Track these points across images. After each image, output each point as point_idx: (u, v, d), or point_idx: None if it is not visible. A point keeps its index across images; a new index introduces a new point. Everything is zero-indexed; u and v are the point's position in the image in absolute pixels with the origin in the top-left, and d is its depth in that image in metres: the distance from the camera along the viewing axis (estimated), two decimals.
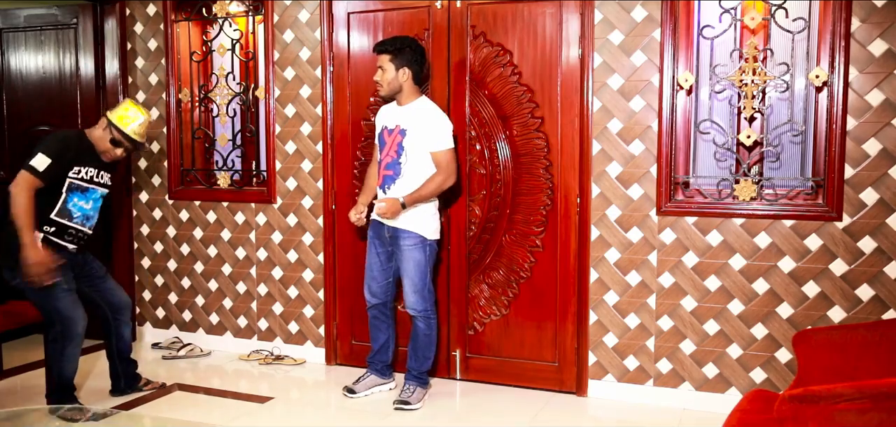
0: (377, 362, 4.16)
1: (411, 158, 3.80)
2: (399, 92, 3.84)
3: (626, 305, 3.98)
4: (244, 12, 4.78)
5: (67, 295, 3.64)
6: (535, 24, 4.03)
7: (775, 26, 3.67)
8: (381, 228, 3.93)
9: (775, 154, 3.75)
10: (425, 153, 3.80)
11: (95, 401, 4.00)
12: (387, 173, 3.87)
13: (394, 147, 3.84)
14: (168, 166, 4.96)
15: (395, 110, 3.89)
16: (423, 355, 4.00)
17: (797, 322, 3.69)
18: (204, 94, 4.91)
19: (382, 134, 3.93)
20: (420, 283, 3.88)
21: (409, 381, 4.02)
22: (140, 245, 5.15)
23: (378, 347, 4.15)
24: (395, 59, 3.78)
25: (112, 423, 3.50)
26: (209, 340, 4.99)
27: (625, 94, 3.89)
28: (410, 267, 3.86)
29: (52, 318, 3.63)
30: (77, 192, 3.69)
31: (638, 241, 3.93)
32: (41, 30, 5.14)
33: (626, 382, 4.02)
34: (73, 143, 3.67)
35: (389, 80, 3.81)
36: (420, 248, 3.86)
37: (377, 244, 3.99)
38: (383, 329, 4.12)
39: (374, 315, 4.11)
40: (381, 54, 3.81)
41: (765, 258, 3.72)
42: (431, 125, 3.80)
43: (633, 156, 3.90)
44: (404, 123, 3.83)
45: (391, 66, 3.79)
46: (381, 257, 3.99)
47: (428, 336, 3.97)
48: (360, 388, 4.11)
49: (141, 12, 4.96)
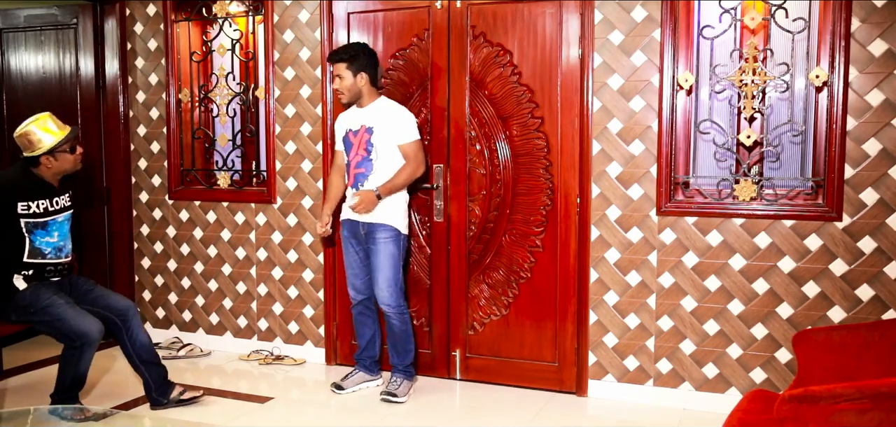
0: (365, 359, 4.20)
1: (381, 154, 3.90)
2: (359, 96, 3.94)
3: (626, 305, 3.98)
4: (244, 12, 4.78)
5: (68, 309, 3.59)
6: (535, 25, 4.03)
7: (775, 26, 3.67)
8: (356, 226, 4.00)
9: (775, 154, 3.75)
10: (393, 147, 3.90)
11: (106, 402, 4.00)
12: (358, 172, 3.94)
13: (362, 146, 3.92)
14: (168, 166, 4.96)
15: (357, 112, 3.98)
16: (404, 349, 4.06)
17: (797, 322, 3.69)
18: (204, 95, 4.91)
19: (347, 137, 4.01)
20: (393, 278, 3.94)
21: (395, 375, 4.09)
22: (140, 245, 5.15)
23: (364, 344, 4.19)
24: (352, 65, 3.89)
25: (111, 423, 3.50)
26: (209, 340, 4.99)
27: (625, 95, 3.89)
28: (384, 261, 3.91)
29: (69, 336, 3.58)
30: (38, 230, 3.65)
31: (638, 241, 3.93)
32: (41, 30, 5.14)
33: (626, 382, 4.02)
34: (9, 180, 3.62)
35: (349, 86, 3.91)
36: (394, 242, 3.93)
37: (353, 243, 4.05)
38: (369, 325, 4.17)
39: (359, 311, 4.15)
40: (337, 63, 3.91)
41: (765, 258, 3.72)
42: (397, 120, 3.90)
43: (633, 156, 3.90)
44: (369, 122, 3.92)
45: (349, 74, 3.89)
46: (359, 254, 4.05)
47: (404, 331, 4.03)
48: (347, 385, 4.14)
49: (141, 12, 4.96)
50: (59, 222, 3.73)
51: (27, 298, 3.59)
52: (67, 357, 3.63)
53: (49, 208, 3.67)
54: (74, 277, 3.88)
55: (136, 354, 3.85)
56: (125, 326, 3.82)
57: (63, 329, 3.57)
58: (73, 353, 3.61)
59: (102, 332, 3.63)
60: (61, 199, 3.74)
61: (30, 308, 3.59)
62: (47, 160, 3.60)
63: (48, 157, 3.60)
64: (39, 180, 3.64)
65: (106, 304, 3.81)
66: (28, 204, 3.59)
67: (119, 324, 3.81)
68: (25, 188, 3.61)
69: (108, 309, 3.80)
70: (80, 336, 3.55)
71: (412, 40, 4.27)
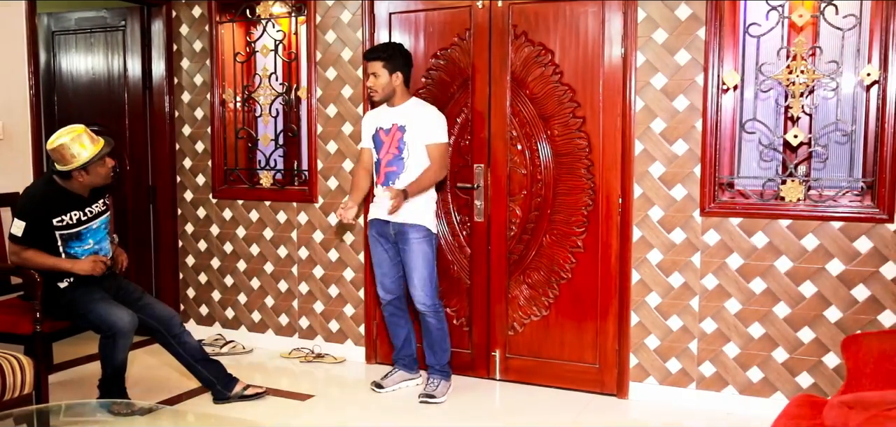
0: (403, 358, 4.22)
1: (412, 152, 3.91)
2: (392, 95, 3.95)
3: (669, 307, 3.93)
4: (287, 13, 4.83)
5: (101, 302, 3.65)
6: (577, 23, 4.00)
7: (824, 23, 3.59)
8: (385, 226, 4.00)
9: (823, 154, 3.67)
10: (423, 146, 3.91)
11: (152, 397, 4.08)
12: (390, 170, 3.95)
13: (394, 144, 3.93)
14: (212, 166, 5.04)
15: (388, 111, 3.99)
16: (440, 348, 4.06)
17: (846, 326, 3.61)
18: (247, 95, 4.98)
19: (377, 134, 4.01)
20: (429, 277, 3.96)
21: (432, 376, 4.09)
22: (184, 243, 5.24)
23: (400, 343, 4.21)
24: (388, 64, 3.89)
25: (156, 418, 3.56)
26: (251, 338, 5.06)
27: (668, 94, 3.85)
28: (419, 261, 3.93)
29: (99, 327, 3.66)
30: (72, 241, 3.68)
31: (681, 242, 3.88)
32: (91, 32, 5.26)
33: (668, 385, 3.97)
34: (39, 197, 3.63)
35: (383, 85, 3.91)
36: (427, 241, 3.95)
37: (382, 242, 4.06)
38: (402, 324, 4.18)
39: (390, 312, 4.16)
40: (373, 61, 3.91)
41: (812, 260, 3.65)
42: (429, 120, 3.93)
43: (677, 156, 3.85)
44: (402, 121, 3.93)
45: (385, 72, 3.90)
46: (389, 252, 4.06)
47: (440, 329, 4.03)
48: (387, 384, 4.16)
49: (187, 14, 5.05)
50: (94, 229, 3.75)
51: (68, 295, 3.68)
52: (102, 348, 3.69)
53: (81, 218, 3.69)
54: (123, 281, 3.94)
55: (188, 356, 3.91)
56: (170, 334, 3.87)
57: (95, 320, 3.64)
58: (106, 344, 3.66)
59: (134, 325, 3.66)
60: (93, 207, 3.74)
61: (70, 304, 3.67)
62: (79, 174, 3.60)
63: (81, 172, 3.60)
64: (68, 193, 3.65)
65: (151, 314, 3.85)
66: (61, 217, 3.62)
67: (164, 333, 3.86)
68: (56, 202, 3.62)
69: (152, 318, 3.85)
70: (110, 326, 3.61)
71: (453, 40, 4.27)
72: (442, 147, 3.94)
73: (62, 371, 4.54)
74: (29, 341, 3.67)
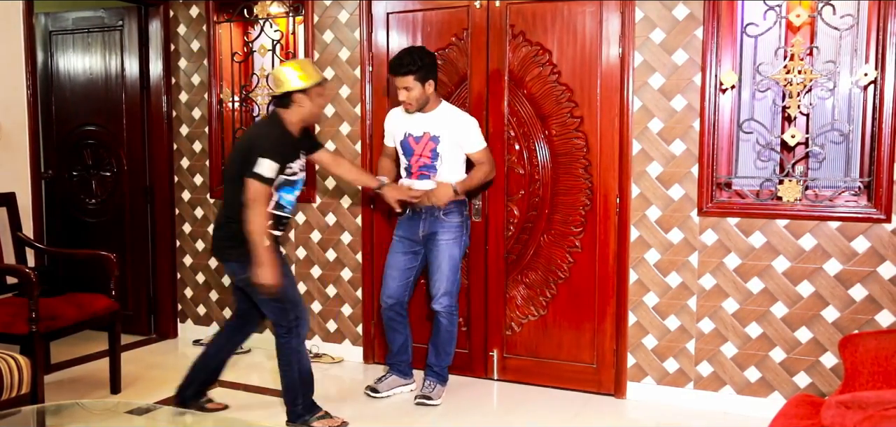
0: (398, 363, 4.19)
1: (446, 162, 3.87)
2: (426, 103, 3.87)
3: (666, 307, 3.94)
4: (284, 13, 4.83)
5: (289, 280, 3.51)
6: (574, 23, 4.00)
7: (821, 23, 3.59)
8: (416, 228, 3.96)
9: (820, 154, 3.67)
10: (458, 154, 3.88)
11: (152, 397, 4.07)
12: (422, 173, 3.91)
13: (426, 153, 3.89)
14: (210, 165, 5.04)
15: (419, 117, 3.91)
16: (444, 351, 4.05)
17: (843, 326, 3.61)
18: (245, 94, 4.98)
19: (406, 140, 3.94)
20: (452, 278, 3.94)
21: (429, 377, 4.06)
22: (182, 243, 5.24)
23: (397, 348, 4.17)
24: (419, 75, 3.78)
25: (155, 418, 3.55)
26: (249, 338, 5.04)
27: (666, 94, 3.85)
28: (444, 262, 3.91)
29: (284, 308, 3.46)
30: (286, 187, 3.49)
31: (678, 242, 3.88)
32: (88, 32, 5.26)
33: (665, 385, 3.97)
34: (285, 139, 3.44)
35: (417, 97, 3.82)
36: (456, 244, 3.92)
37: (405, 243, 4.01)
38: (400, 330, 4.13)
39: (390, 316, 4.09)
40: (404, 77, 3.78)
41: (809, 260, 3.65)
42: (465, 130, 3.88)
43: (674, 156, 3.86)
44: (435, 130, 3.87)
45: (417, 85, 3.79)
46: (406, 256, 4.02)
47: (450, 332, 4.02)
48: (382, 388, 4.13)
49: (184, 14, 5.05)
50: (299, 181, 3.57)
51: None
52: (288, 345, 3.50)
53: (298, 169, 3.54)
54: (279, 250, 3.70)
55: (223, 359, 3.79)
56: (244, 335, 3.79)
57: (288, 298, 3.46)
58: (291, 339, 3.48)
59: None
60: (302, 157, 3.59)
61: None
62: (301, 99, 3.43)
63: (302, 96, 3.43)
64: (292, 136, 3.47)
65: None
66: (291, 164, 3.47)
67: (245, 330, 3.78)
68: (291, 146, 3.46)
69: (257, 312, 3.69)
70: (295, 308, 3.47)
71: (451, 40, 4.27)
72: (485, 150, 3.93)
73: (60, 371, 4.53)
74: (25, 341, 3.64)
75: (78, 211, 5.41)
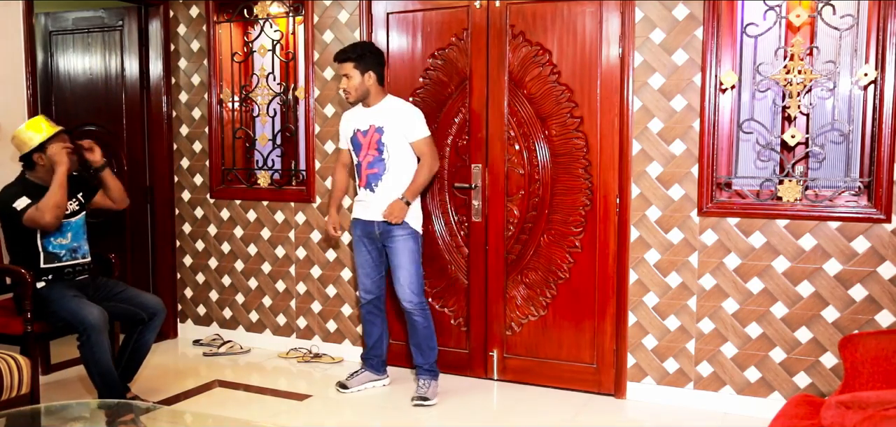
0: (372, 358, 4.22)
1: (393, 152, 3.90)
2: (367, 95, 3.93)
3: (666, 307, 3.93)
4: (284, 13, 4.83)
5: (72, 300, 3.62)
6: (574, 24, 4.00)
7: (821, 24, 3.59)
8: (370, 226, 4.00)
9: (820, 154, 3.67)
10: (405, 145, 3.91)
11: (151, 397, 4.07)
12: (371, 172, 3.94)
13: (373, 146, 3.92)
14: (209, 165, 5.04)
15: (364, 112, 3.98)
16: (427, 347, 4.06)
17: (843, 326, 3.61)
18: (245, 95, 4.98)
19: (355, 137, 4.00)
20: (415, 274, 3.95)
21: (422, 377, 4.07)
22: (182, 243, 5.24)
23: (372, 343, 4.21)
24: (359, 64, 3.87)
25: (155, 418, 3.56)
26: (249, 338, 5.06)
27: (666, 94, 3.85)
28: (405, 258, 3.93)
29: (71, 323, 3.62)
30: (49, 233, 3.68)
31: (678, 242, 3.88)
32: (88, 32, 5.25)
33: (665, 385, 3.97)
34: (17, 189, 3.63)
35: (356, 86, 3.89)
36: (412, 238, 3.95)
37: (366, 242, 4.06)
38: (377, 324, 4.18)
39: (368, 311, 4.16)
40: (343, 63, 3.89)
41: (809, 260, 3.65)
42: (407, 118, 3.91)
43: (674, 156, 3.85)
44: (378, 121, 3.91)
45: (356, 73, 3.87)
46: (372, 254, 4.06)
47: (426, 328, 4.03)
48: (353, 384, 4.18)
49: (184, 14, 5.05)
50: (72, 223, 3.77)
51: (43, 294, 3.66)
52: (83, 353, 3.64)
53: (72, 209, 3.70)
54: (101, 279, 3.94)
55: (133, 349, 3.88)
56: (147, 324, 3.87)
57: (67, 318, 3.61)
58: (85, 346, 3.61)
59: (106, 320, 3.62)
60: (71, 202, 3.75)
61: (45, 304, 3.65)
62: (39, 158, 3.65)
63: (40, 155, 3.64)
64: (42, 186, 3.64)
65: (137, 302, 3.86)
66: None
67: (144, 318, 3.85)
68: (34, 195, 3.59)
69: (138, 305, 3.85)
70: (81, 322, 3.58)
71: (451, 40, 4.27)
72: (428, 140, 3.93)
73: (59, 371, 4.53)
74: (22, 341, 3.64)
75: None
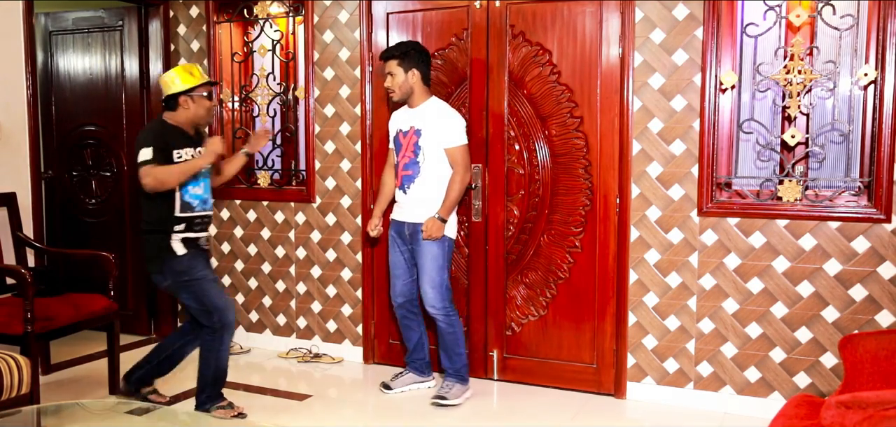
0: (415, 361, 4.19)
1: (428, 157, 3.88)
2: (411, 94, 3.91)
3: (666, 307, 3.93)
4: (284, 13, 4.83)
5: (214, 285, 3.61)
6: (574, 24, 4.00)
7: (821, 24, 3.59)
8: (402, 227, 4.00)
9: (820, 154, 3.67)
10: (440, 151, 3.87)
11: None
12: (406, 174, 3.93)
13: (410, 148, 3.90)
14: None
15: (408, 113, 3.96)
16: (454, 352, 4.02)
17: (843, 326, 3.61)
18: (245, 95, 4.98)
19: (397, 137, 3.99)
20: (437, 279, 3.91)
21: (447, 379, 4.05)
22: None
23: (412, 346, 4.18)
24: (403, 62, 3.86)
25: (155, 418, 3.56)
26: (249, 338, 5.05)
27: (666, 94, 3.85)
28: (428, 262, 3.90)
29: (208, 310, 3.57)
30: (188, 181, 3.58)
31: (678, 242, 3.88)
32: (88, 32, 5.26)
33: (665, 385, 3.97)
34: (161, 131, 3.58)
35: (400, 84, 3.88)
36: (438, 244, 3.90)
37: (399, 243, 4.05)
38: (414, 327, 4.15)
39: (402, 314, 4.14)
40: (389, 61, 3.88)
41: (809, 260, 3.65)
42: (445, 123, 3.87)
43: (674, 156, 3.85)
44: (418, 124, 3.89)
45: (400, 70, 3.86)
46: (404, 254, 4.04)
47: (452, 334, 3.99)
48: (396, 385, 4.14)
49: (184, 14, 5.05)
50: (204, 174, 3.68)
51: (184, 264, 3.57)
52: (209, 344, 3.60)
53: (194, 155, 3.61)
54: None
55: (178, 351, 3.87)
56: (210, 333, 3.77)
57: (204, 300, 3.56)
58: (213, 339, 3.58)
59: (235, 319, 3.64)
60: (194, 152, 3.65)
61: (184, 275, 3.56)
62: (185, 101, 3.59)
63: (186, 98, 3.59)
64: (180, 130, 3.62)
65: None
66: (180, 152, 3.56)
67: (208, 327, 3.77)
68: (173, 136, 3.57)
69: None
70: (219, 311, 3.55)
71: (451, 40, 4.27)
72: (463, 149, 3.88)
73: (59, 371, 4.53)
74: (23, 341, 3.63)
75: (78, 211, 5.41)
